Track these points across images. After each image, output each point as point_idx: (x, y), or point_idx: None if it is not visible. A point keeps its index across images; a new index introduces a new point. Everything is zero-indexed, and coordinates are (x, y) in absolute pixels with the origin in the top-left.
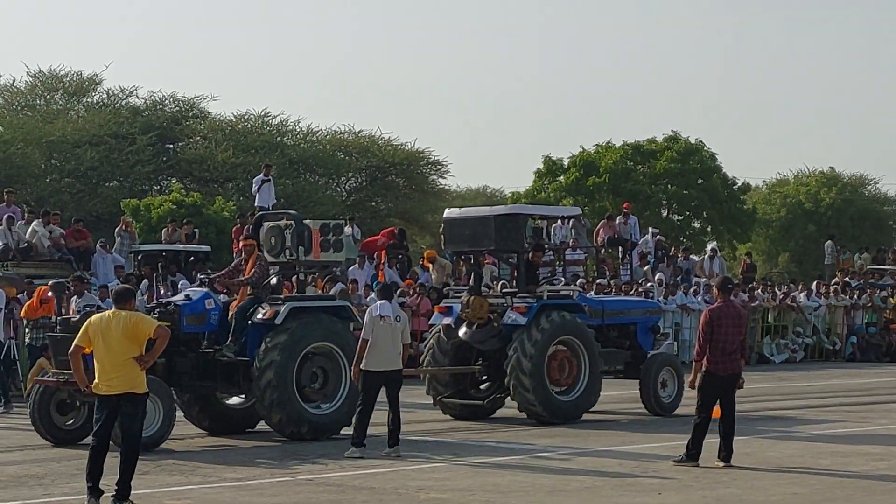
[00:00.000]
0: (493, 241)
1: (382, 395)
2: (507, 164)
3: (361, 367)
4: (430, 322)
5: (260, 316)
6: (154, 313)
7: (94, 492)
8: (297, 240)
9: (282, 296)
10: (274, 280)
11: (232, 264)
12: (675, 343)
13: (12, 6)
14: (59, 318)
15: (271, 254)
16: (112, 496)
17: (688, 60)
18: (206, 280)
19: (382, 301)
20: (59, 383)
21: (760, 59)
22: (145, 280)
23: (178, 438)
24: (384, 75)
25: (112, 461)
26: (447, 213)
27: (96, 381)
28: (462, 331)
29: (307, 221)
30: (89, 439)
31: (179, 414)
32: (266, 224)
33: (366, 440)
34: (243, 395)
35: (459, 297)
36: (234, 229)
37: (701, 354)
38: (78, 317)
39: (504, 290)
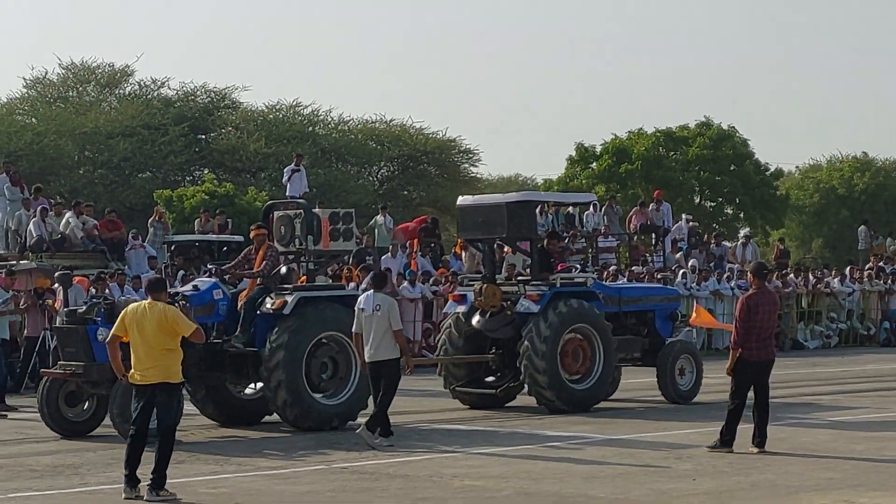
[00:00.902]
0: (506, 229)
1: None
2: (539, 152)
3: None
4: (444, 310)
5: (268, 306)
6: None
7: (131, 480)
8: (306, 229)
9: (291, 285)
10: (284, 269)
11: (241, 254)
12: (694, 330)
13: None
14: (65, 309)
15: (281, 243)
16: (147, 485)
17: (719, 46)
18: (216, 271)
19: (367, 293)
20: (67, 375)
21: (793, 44)
22: (181, 271)
23: (185, 430)
24: (415, 64)
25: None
26: (461, 200)
27: (132, 370)
28: (475, 319)
29: (316, 210)
30: (100, 430)
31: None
32: (276, 213)
33: (392, 428)
34: (260, 383)
35: (473, 286)
36: None
37: (738, 342)
38: (84, 308)
39: (518, 278)
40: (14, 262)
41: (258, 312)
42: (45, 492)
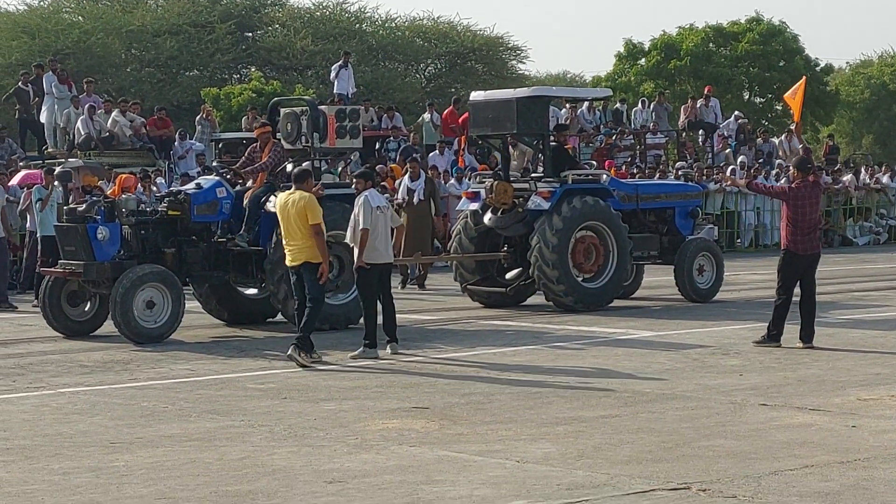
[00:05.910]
0: (515, 125)
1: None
2: (587, 49)
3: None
4: (457, 208)
5: (271, 206)
6: (164, 202)
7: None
8: (312, 126)
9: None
10: (289, 167)
11: (245, 153)
12: (715, 228)
13: None
14: (65, 207)
15: (287, 140)
16: (292, 344)
17: None
18: (220, 170)
19: (371, 190)
20: (66, 274)
21: None
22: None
23: (189, 328)
24: None
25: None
26: (473, 95)
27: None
28: (487, 217)
29: (322, 107)
30: (103, 330)
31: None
32: (282, 110)
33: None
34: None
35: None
36: None
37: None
38: (84, 206)
39: (531, 175)
40: (62, 159)
41: (263, 211)
42: (95, 387)
